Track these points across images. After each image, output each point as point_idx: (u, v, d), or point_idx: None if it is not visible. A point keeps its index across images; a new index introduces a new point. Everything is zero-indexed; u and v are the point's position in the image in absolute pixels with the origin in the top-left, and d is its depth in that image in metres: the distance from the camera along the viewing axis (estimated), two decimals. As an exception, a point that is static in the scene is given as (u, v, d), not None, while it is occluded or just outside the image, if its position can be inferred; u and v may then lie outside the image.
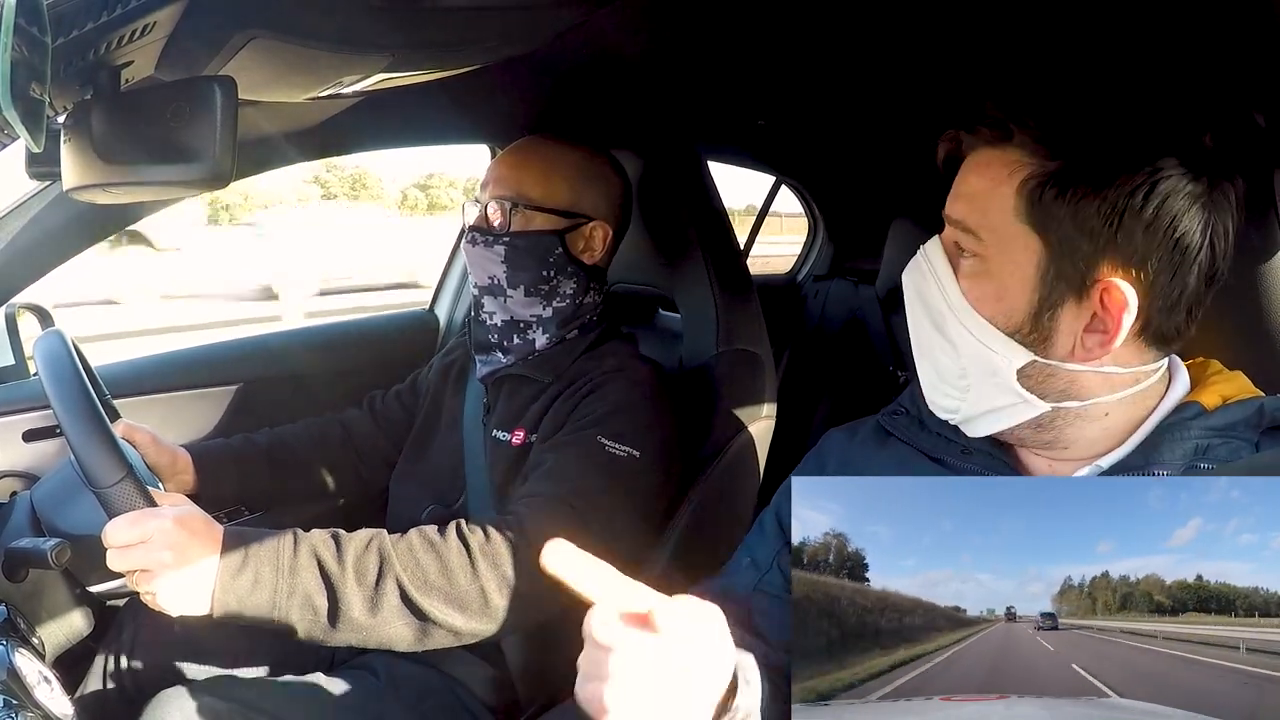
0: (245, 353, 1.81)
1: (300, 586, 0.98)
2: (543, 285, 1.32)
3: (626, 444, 1.20)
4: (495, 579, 1.05)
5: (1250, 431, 0.79)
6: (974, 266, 0.82)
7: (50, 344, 1.03)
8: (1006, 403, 0.82)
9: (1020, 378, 0.80)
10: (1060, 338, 0.79)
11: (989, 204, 0.80)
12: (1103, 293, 0.77)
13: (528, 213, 1.31)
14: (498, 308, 1.35)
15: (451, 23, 0.94)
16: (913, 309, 0.87)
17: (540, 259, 1.31)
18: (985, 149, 0.82)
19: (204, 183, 0.76)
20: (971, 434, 0.87)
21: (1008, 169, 0.79)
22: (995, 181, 0.80)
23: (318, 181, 41.21)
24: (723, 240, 1.55)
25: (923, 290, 0.86)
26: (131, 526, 0.93)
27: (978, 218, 0.81)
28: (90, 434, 0.94)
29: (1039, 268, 0.79)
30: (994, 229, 0.80)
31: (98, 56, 0.72)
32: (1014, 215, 0.79)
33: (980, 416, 0.84)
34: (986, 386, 0.82)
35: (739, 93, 1.77)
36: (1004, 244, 0.79)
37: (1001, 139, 0.80)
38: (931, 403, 0.89)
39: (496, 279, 1.32)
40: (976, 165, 0.83)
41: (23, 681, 0.88)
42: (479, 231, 1.33)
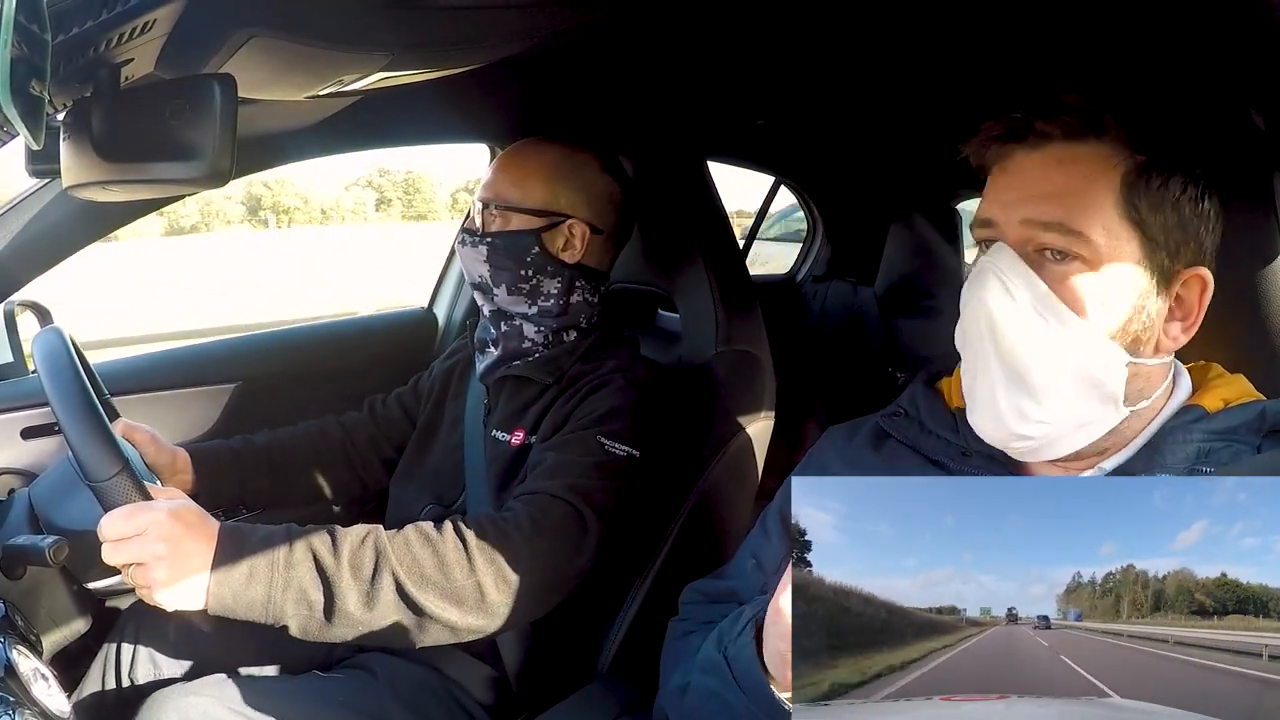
0: (244, 351, 1.81)
1: (295, 580, 0.98)
2: (523, 284, 1.33)
3: (626, 443, 1.20)
4: (492, 574, 1.05)
5: (1252, 435, 0.79)
6: (1072, 269, 0.76)
7: (49, 341, 1.03)
8: (1099, 415, 0.79)
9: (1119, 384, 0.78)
10: (1148, 334, 0.79)
11: (1089, 201, 0.76)
12: (1185, 281, 0.79)
13: (504, 213, 1.33)
14: (487, 304, 1.38)
15: (450, 22, 0.94)
16: (989, 328, 0.78)
17: (517, 258, 1.32)
18: (1064, 143, 0.78)
19: (203, 180, 0.76)
20: (1043, 458, 0.81)
21: (1102, 163, 0.77)
22: (1090, 177, 0.76)
23: (371, 186, 41.55)
24: (722, 241, 1.55)
25: (1002, 307, 0.77)
26: (126, 520, 0.93)
27: (1078, 216, 0.76)
28: (86, 429, 0.94)
29: (1139, 264, 0.77)
30: (1098, 227, 0.76)
31: (97, 54, 0.72)
32: (1115, 211, 0.76)
33: (1064, 437, 0.79)
34: (1082, 401, 0.78)
35: (738, 92, 1.77)
36: (1108, 242, 0.76)
37: (1090, 132, 0.77)
38: (1010, 433, 0.80)
39: (483, 277, 1.35)
40: (1059, 161, 0.78)
41: (20, 679, 0.88)
42: (467, 233, 1.37)
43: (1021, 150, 0.79)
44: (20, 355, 1.50)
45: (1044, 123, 0.78)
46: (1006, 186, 0.80)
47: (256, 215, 37.89)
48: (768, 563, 0.97)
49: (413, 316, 2.08)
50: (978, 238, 0.83)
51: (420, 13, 0.88)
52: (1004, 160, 0.81)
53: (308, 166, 43.48)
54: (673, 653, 0.99)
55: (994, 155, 0.82)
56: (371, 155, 2.43)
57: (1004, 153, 0.81)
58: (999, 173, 0.81)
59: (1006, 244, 0.78)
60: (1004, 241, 0.79)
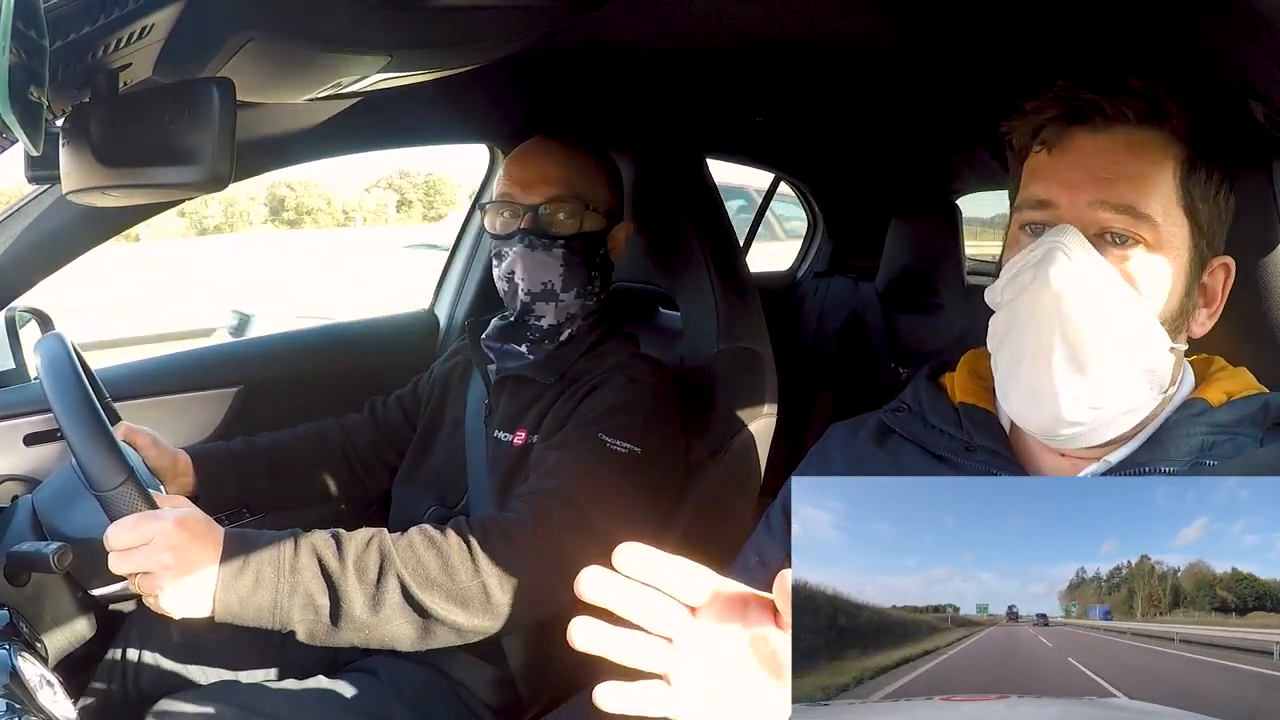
0: (245, 355, 1.82)
1: (301, 585, 0.98)
2: (589, 285, 1.33)
3: (628, 441, 1.20)
4: (496, 575, 1.05)
5: (1255, 428, 0.79)
6: (1138, 254, 0.77)
7: (51, 347, 1.03)
8: (1144, 400, 0.79)
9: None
10: (1185, 320, 0.81)
11: (1155, 187, 0.77)
12: (1212, 270, 0.82)
13: (586, 213, 1.32)
14: (549, 312, 1.34)
15: (448, 22, 0.94)
16: (1055, 311, 0.76)
17: (591, 260, 1.32)
18: (1132, 128, 0.78)
19: (202, 185, 0.76)
20: (1085, 444, 0.80)
21: (1161, 151, 0.78)
22: (1155, 164, 0.77)
23: (392, 187, 41.97)
24: (723, 238, 1.55)
25: (1073, 286, 0.75)
26: (133, 529, 0.93)
27: (1149, 198, 0.76)
28: (91, 438, 0.94)
29: (1188, 250, 0.79)
30: (1161, 208, 0.77)
31: (95, 59, 0.72)
32: (1174, 199, 0.78)
33: (1110, 423, 0.78)
34: (1132, 385, 0.78)
35: (737, 89, 1.77)
36: (1166, 228, 0.77)
37: (1155, 118, 0.78)
38: (1059, 420, 0.78)
39: (551, 283, 1.31)
40: (1127, 145, 0.78)
41: (25, 685, 0.88)
42: (536, 235, 1.30)
43: (1084, 132, 0.79)
44: (22, 361, 1.50)
45: (1114, 105, 0.77)
46: (1069, 166, 0.79)
47: (280, 216, 38.31)
48: (772, 560, 0.96)
49: (414, 319, 2.08)
50: (1028, 219, 0.81)
51: (418, 14, 0.88)
52: (1063, 141, 0.80)
53: (329, 169, 44.22)
54: None
55: (1050, 135, 0.80)
56: (391, 158, 2.32)
57: (1063, 133, 0.80)
58: (1058, 154, 0.80)
59: (1070, 225, 0.77)
60: (1067, 223, 0.77)
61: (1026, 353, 0.79)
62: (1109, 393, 0.77)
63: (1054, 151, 0.80)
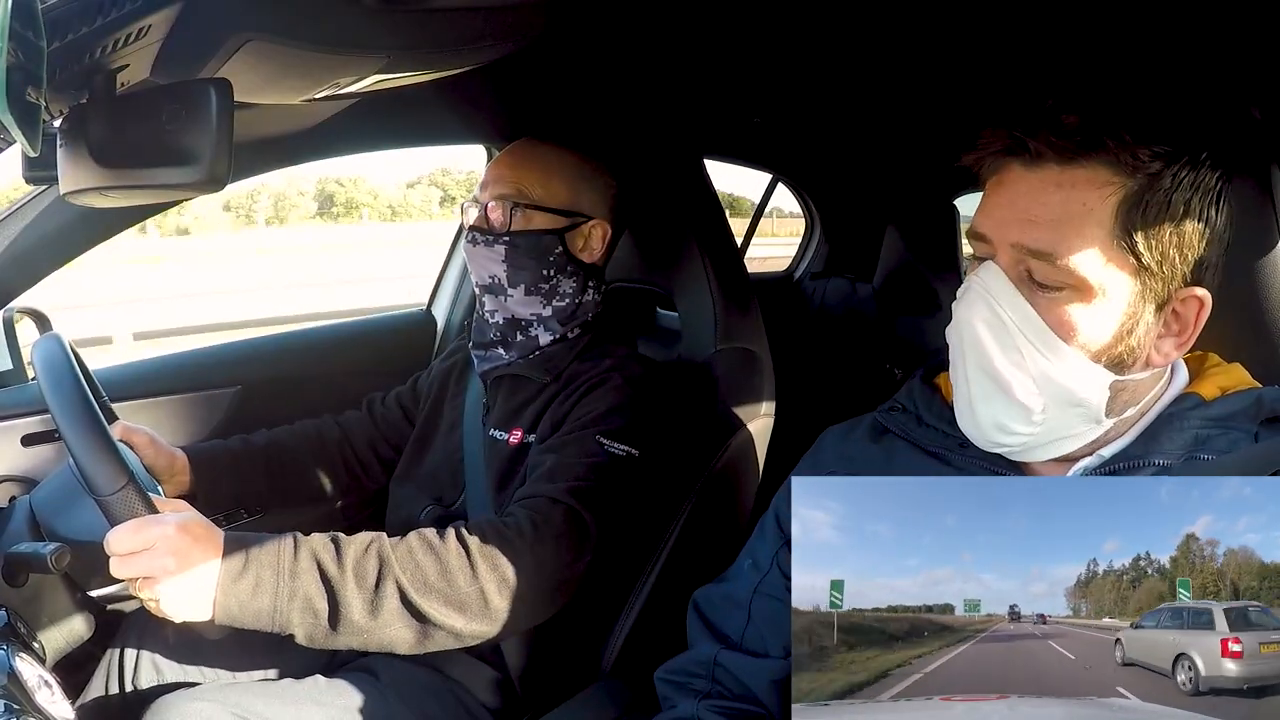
0: (243, 355, 1.81)
1: (301, 590, 0.99)
2: (543, 284, 1.32)
3: (625, 442, 1.20)
4: (495, 581, 1.06)
5: (1249, 422, 0.79)
6: (1061, 297, 0.75)
7: (48, 348, 1.02)
8: (1080, 429, 0.79)
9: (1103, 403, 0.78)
10: (1139, 353, 0.78)
11: (1081, 229, 0.74)
12: (1182, 301, 0.78)
13: (528, 212, 1.31)
14: (498, 306, 1.35)
15: (445, 23, 0.94)
16: (973, 347, 0.79)
17: (540, 258, 1.31)
18: (1057, 165, 0.75)
19: (200, 185, 0.75)
20: (1027, 460, 0.82)
21: (1098, 188, 0.74)
22: (1085, 204, 0.74)
23: (435, 184, 42.39)
24: (721, 239, 1.55)
25: (988, 326, 0.77)
26: (134, 534, 0.93)
27: (1069, 246, 0.74)
28: (91, 441, 0.94)
29: (1131, 290, 0.76)
30: (1087, 255, 0.74)
31: (93, 60, 0.72)
32: (1109, 238, 0.74)
33: (1047, 444, 0.80)
34: (1065, 416, 0.78)
35: (735, 90, 1.77)
36: (1097, 270, 0.74)
37: (1088, 154, 0.74)
38: (990, 442, 0.81)
39: (497, 278, 1.32)
40: (1054, 184, 0.75)
41: (23, 686, 0.88)
42: (479, 231, 1.33)
43: (1019, 166, 0.77)
44: (20, 362, 1.50)
45: (1039, 143, 0.75)
46: (1000, 203, 0.79)
47: (328, 211, 38.84)
48: (762, 562, 0.97)
49: (412, 318, 2.08)
50: (973, 249, 0.82)
51: (415, 14, 0.88)
52: (1000, 173, 0.79)
53: (372, 165, 45.04)
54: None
55: (991, 167, 0.80)
56: (432, 157, 2.24)
57: (1001, 166, 0.79)
58: (995, 185, 0.80)
59: (997, 264, 0.78)
60: (994, 261, 0.78)
61: (958, 374, 0.82)
62: (1033, 424, 0.78)
63: (992, 184, 0.80)
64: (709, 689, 0.93)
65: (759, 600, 0.94)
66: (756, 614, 0.93)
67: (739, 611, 0.95)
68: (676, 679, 0.97)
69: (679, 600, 1.06)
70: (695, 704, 0.92)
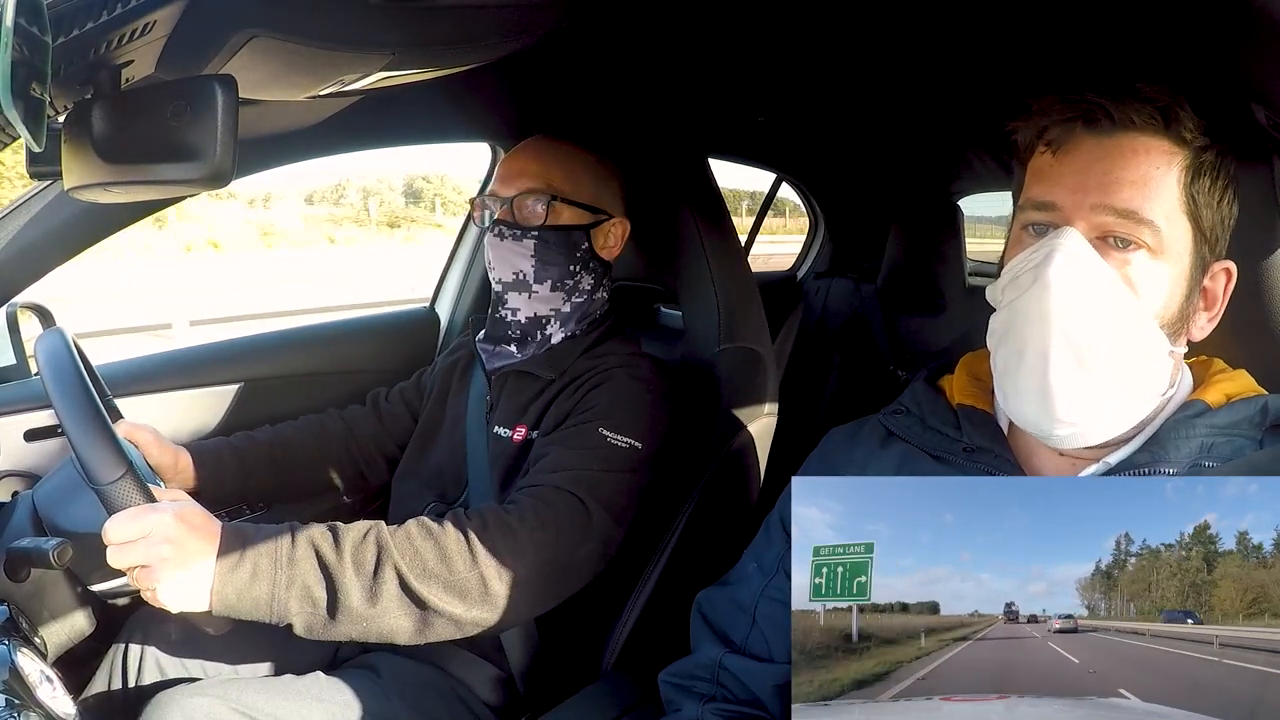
0: (246, 351, 1.81)
1: (299, 578, 0.98)
2: (568, 280, 1.33)
3: (628, 436, 1.20)
4: (494, 566, 1.05)
5: (1254, 429, 0.79)
6: (1139, 258, 0.77)
7: (51, 343, 1.03)
8: (1141, 400, 0.80)
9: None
10: (1184, 323, 0.81)
11: (1158, 192, 0.77)
12: (1212, 277, 0.82)
13: (559, 206, 1.32)
14: (522, 303, 1.36)
15: (450, 20, 0.94)
16: (1057, 311, 0.76)
17: (569, 253, 1.32)
18: (1134, 133, 0.78)
19: (204, 182, 0.75)
20: (1081, 444, 0.81)
21: (1167, 156, 0.78)
22: (1159, 169, 0.77)
23: None
24: (725, 239, 1.55)
25: (1074, 287, 0.76)
26: (131, 522, 0.93)
27: (1152, 206, 0.77)
28: (90, 432, 0.94)
29: (1189, 255, 0.80)
30: (1166, 213, 0.77)
31: (98, 56, 0.72)
32: (1177, 204, 0.78)
33: (1108, 421, 0.79)
34: (1132, 386, 0.79)
35: (740, 88, 1.77)
36: (1171, 233, 0.78)
37: (1163, 123, 0.77)
38: (1053, 417, 0.78)
39: (523, 273, 1.33)
40: (1132, 150, 0.78)
41: (25, 681, 0.88)
42: (507, 225, 1.33)
43: (1090, 135, 0.79)
44: (23, 357, 1.50)
45: (1121, 110, 0.77)
46: (1074, 169, 0.79)
47: (418, 205, 39.71)
48: (767, 566, 0.96)
49: (415, 315, 2.08)
50: (1031, 220, 0.81)
51: (420, 11, 0.88)
52: (1068, 143, 0.80)
53: (451, 163, 46.19)
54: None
55: (1056, 137, 0.80)
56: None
57: (1069, 135, 0.80)
58: (1062, 156, 0.80)
59: (1072, 228, 0.78)
60: (1069, 226, 0.78)
61: (1026, 352, 0.79)
62: (1105, 393, 0.78)
63: (1058, 153, 0.80)
64: (713, 692, 0.93)
65: (764, 604, 0.94)
66: (761, 618, 0.93)
67: (744, 616, 0.95)
68: (681, 682, 0.97)
69: (680, 600, 1.06)
70: (699, 707, 0.93)
